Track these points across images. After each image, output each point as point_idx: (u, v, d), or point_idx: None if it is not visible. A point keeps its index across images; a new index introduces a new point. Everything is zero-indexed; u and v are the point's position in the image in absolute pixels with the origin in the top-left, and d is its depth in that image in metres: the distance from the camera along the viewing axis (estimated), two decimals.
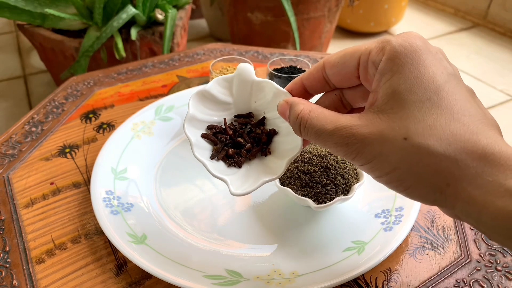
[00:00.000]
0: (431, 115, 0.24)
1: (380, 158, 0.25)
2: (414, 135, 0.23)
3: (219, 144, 0.34)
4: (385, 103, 0.25)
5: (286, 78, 0.47)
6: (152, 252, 0.38)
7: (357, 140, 0.25)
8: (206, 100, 0.35)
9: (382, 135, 0.24)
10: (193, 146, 0.33)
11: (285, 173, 0.42)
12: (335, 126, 0.26)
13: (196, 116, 0.34)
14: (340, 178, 0.41)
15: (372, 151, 0.25)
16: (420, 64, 0.25)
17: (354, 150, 0.25)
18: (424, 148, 0.23)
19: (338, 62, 0.29)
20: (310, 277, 0.36)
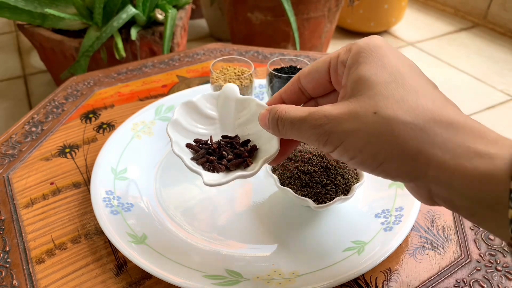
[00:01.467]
0: (398, 93, 0.25)
1: (352, 135, 0.25)
2: (383, 108, 0.25)
3: (202, 150, 0.36)
4: (352, 88, 0.27)
5: (286, 78, 0.48)
6: (152, 252, 0.38)
7: (329, 120, 0.26)
8: (192, 111, 0.38)
9: (352, 112, 0.26)
10: (173, 143, 0.35)
11: (285, 173, 0.42)
12: (308, 112, 0.28)
13: (181, 122, 0.37)
14: (340, 178, 0.41)
15: (344, 130, 0.26)
16: (383, 56, 0.27)
17: (326, 130, 0.26)
18: (393, 119, 0.24)
19: (311, 70, 0.31)
20: (310, 277, 0.36)
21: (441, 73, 1.57)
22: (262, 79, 0.61)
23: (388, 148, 0.25)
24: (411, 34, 1.84)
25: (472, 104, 1.40)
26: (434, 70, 1.59)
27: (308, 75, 0.32)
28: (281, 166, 0.43)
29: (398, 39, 1.81)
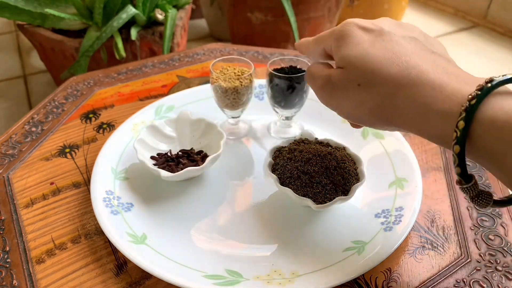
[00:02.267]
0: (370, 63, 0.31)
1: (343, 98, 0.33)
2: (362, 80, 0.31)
3: (162, 158, 0.47)
4: (339, 63, 0.33)
5: (286, 78, 0.48)
6: (152, 252, 0.38)
7: (330, 80, 0.33)
8: (155, 133, 0.50)
9: (343, 81, 0.32)
10: (138, 152, 0.45)
11: (285, 173, 0.42)
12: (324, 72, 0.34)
13: (145, 140, 0.48)
14: (340, 178, 0.41)
15: (337, 95, 0.33)
16: (354, 38, 0.32)
17: (331, 86, 0.33)
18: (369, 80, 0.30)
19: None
20: (310, 277, 0.36)
21: None
22: (262, 79, 0.61)
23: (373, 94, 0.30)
24: None
25: None
26: None
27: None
28: (281, 166, 0.43)
29: None
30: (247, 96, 0.50)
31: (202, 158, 0.47)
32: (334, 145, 0.46)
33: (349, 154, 0.44)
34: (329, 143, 0.46)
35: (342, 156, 0.43)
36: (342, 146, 0.45)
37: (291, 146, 0.45)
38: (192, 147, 0.50)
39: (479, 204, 0.27)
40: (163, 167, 0.46)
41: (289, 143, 0.46)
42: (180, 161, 0.47)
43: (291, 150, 0.44)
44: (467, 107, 0.24)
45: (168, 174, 0.43)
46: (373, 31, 0.32)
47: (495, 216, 0.43)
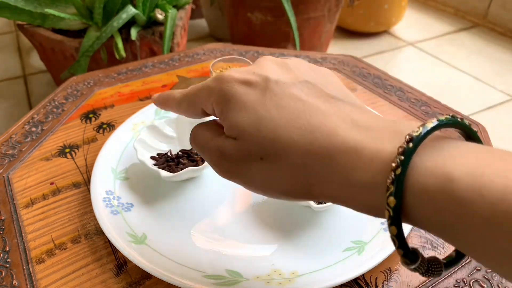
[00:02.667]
0: (265, 131, 0.25)
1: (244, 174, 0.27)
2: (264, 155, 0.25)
3: (162, 158, 0.47)
4: (229, 133, 0.27)
5: None
6: (152, 252, 0.38)
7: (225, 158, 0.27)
8: (155, 133, 0.50)
9: (243, 155, 0.26)
10: (138, 152, 0.45)
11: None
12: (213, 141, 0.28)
13: (145, 140, 0.48)
14: None
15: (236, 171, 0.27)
16: (239, 101, 0.27)
17: (224, 168, 0.28)
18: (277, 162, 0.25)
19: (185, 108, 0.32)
20: (310, 277, 0.36)
21: (441, 73, 1.57)
22: None
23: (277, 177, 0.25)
24: (411, 34, 1.84)
25: (472, 104, 1.40)
26: (434, 70, 1.59)
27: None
28: None
29: (398, 39, 1.81)
30: None
31: (202, 158, 0.47)
32: None
33: None
34: None
35: None
36: None
37: None
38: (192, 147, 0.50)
39: (432, 276, 0.24)
40: (163, 167, 0.46)
41: None
42: (180, 161, 0.47)
43: None
44: (393, 179, 0.20)
45: (168, 174, 0.43)
46: (258, 84, 0.27)
47: None
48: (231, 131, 0.27)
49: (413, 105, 0.60)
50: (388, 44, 1.77)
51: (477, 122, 0.56)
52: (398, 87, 0.64)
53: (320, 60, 0.71)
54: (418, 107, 0.59)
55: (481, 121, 0.57)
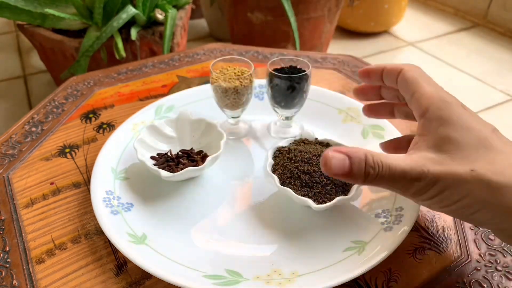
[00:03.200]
0: (488, 155, 0.28)
1: (451, 189, 0.28)
2: (479, 168, 0.28)
3: (162, 158, 0.47)
4: (441, 146, 0.29)
5: (286, 78, 0.48)
6: (152, 252, 0.38)
7: (431, 176, 0.28)
8: (155, 133, 0.50)
9: (451, 170, 0.28)
10: (138, 152, 0.45)
11: (285, 173, 0.42)
12: (410, 166, 0.28)
13: (145, 140, 0.48)
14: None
15: (443, 184, 0.28)
16: (465, 117, 0.30)
17: (427, 183, 0.28)
18: (488, 180, 0.27)
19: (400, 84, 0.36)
20: (310, 277, 0.36)
21: (441, 73, 1.57)
22: (262, 79, 0.61)
23: (484, 203, 0.28)
24: (411, 34, 1.84)
25: (472, 104, 1.40)
26: (434, 70, 1.59)
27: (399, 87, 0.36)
28: (281, 166, 0.43)
29: (398, 39, 1.81)
30: (247, 96, 0.50)
31: (202, 158, 0.48)
32: (334, 145, 0.46)
33: None
34: (329, 143, 0.46)
35: None
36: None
37: (291, 146, 0.45)
38: (192, 147, 0.50)
39: None
40: (163, 167, 0.46)
41: (289, 143, 0.46)
42: (180, 161, 0.47)
43: (291, 150, 0.44)
44: None
45: (168, 174, 0.43)
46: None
47: None
48: (445, 143, 0.30)
49: None
50: (388, 44, 1.77)
51: None
52: None
53: (320, 60, 0.71)
54: None
55: None
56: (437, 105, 0.31)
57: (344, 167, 0.29)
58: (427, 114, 0.31)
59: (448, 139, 0.29)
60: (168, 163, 0.47)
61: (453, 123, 0.29)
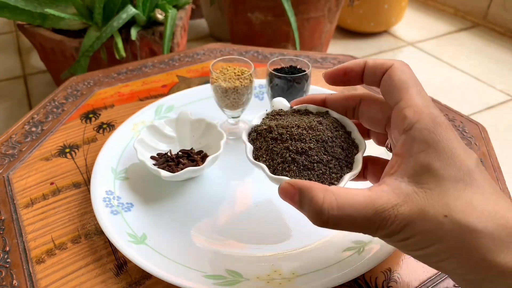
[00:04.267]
0: (466, 194, 0.25)
1: (420, 235, 0.25)
2: (454, 212, 0.25)
3: (162, 158, 0.48)
4: (419, 176, 0.26)
5: (286, 78, 0.48)
6: (152, 252, 0.38)
7: (400, 220, 0.25)
8: (155, 133, 0.50)
9: (423, 212, 0.25)
10: (138, 152, 0.46)
11: (274, 158, 0.32)
12: (375, 210, 0.25)
13: (145, 140, 0.48)
14: (340, 151, 0.33)
15: (413, 229, 0.25)
16: (451, 145, 0.26)
17: (393, 229, 0.25)
18: (464, 225, 0.24)
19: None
20: (310, 277, 0.36)
21: (441, 73, 1.57)
22: (262, 79, 0.61)
23: (453, 251, 0.25)
24: (411, 34, 1.84)
25: (472, 104, 1.40)
26: (434, 70, 1.59)
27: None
28: (266, 150, 0.33)
29: (398, 39, 1.81)
30: (247, 96, 0.50)
31: (202, 158, 0.48)
32: (316, 111, 0.36)
33: (336, 119, 0.35)
34: (308, 109, 0.36)
35: (333, 122, 0.34)
36: (324, 110, 0.36)
37: (268, 122, 0.35)
38: (192, 147, 0.50)
39: None
40: (163, 167, 0.46)
41: (262, 119, 0.36)
42: (180, 161, 0.47)
43: (271, 128, 0.34)
44: None
45: (168, 174, 0.43)
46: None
47: None
48: (423, 172, 0.27)
49: None
50: (388, 44, 1.77)
51: (477, 122, 0.56)
52: None
53: (320, 60, 0.71)
54: None
55: (481, 121, 0.57)
56: (425, 124, 0.26)
57: (294, 204, 0.28)
58: (411, 132, 0.27)
59: (428, 169, 0.26)
60: (168, 163, 0.47)
61: (438, 150, 0.26)
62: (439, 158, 0.26)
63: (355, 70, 0.32)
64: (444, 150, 0.26)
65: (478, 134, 0.54)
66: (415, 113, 0.27)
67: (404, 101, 0.28)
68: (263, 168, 0.32)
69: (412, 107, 0.27)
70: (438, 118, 0.27)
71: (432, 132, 0.26)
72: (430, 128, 0.26)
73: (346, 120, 0.35)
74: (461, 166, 0.26)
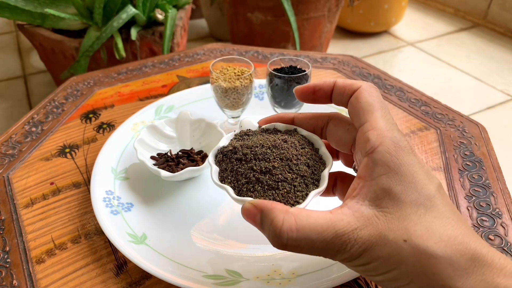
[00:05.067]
0: (426, 219, 0.25)
1: (379, 260, 0.25)
2: (414, 236, 0.25)
3: (162, 158, 0.48)
4: (380, 199, 0.26)
5: (286, 78, 0.48)
6: (152, 252, 0.38)
7: (359, 244, 0.25)
8: (155, 133, 0.50)
9: (382, 236, 0.25)
10: (138, 152, 0.46)
11: (238, 179, 0.32)
12: (334, 233, 0.25)
13: (145, 140, 0.49)
14: (305, 168, 0.32)
15: (372, 254, 0.25)
16: (413, 169, 0.26)
17: (353, 253, 0.25)
18: (423, 250, 0.24)
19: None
20: (310, 277, 0.36)
21: (441, 73, 1.57)
22: (262, 79, 0.61)
23: (412, 277, 0.25)
24: (411, 34, 1.84)
25: (472, 104, 1.40)
26: (434, 70, 1.59)
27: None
28: (231, 172, 0.33)
29: (398, 39, 1.81)
30: (247, 96, 0.50)
31: (202, 158, 0.48)
32: (284, 129, 0.36)
33: (304, 136, 0.35)
34: (277, 127, 0.36)
35: (299, 140, 0.34)
36: (292, 128, 0.36)
37: (234, 143, 0.35)
38: (192, 147, 0.50)
39: None
40: (163, 167, 0.46)
41: (229, 140, 0.36)
42: (180, 161, 0.47)
43: (236, 148, 0.34)
44: None
45: (168, 174, 0.43)
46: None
47: (495, 216, 0.43)
48: (384, 196, 0.27)
49: (413, 105, 0.60)
50: (388, 44, 1.77)
51: (477, 122, 0.56)
52: (398, 87, 0.64)
53: (320, 60, 0.71)
54: (418, 107, 0.59)
55: (481, 121, 0.57)
56: (387, 148, 0.26)
57: (256, 225, 0.28)
58: (373, 155, 0.27)
59: (389, 193, 0.26)
60: (168, 163, 0.47)
61: (399, 174, 0.26)
62: (400, 182, 0.26)
63: (324, 90, 0.33)
64: (406, 174, 0.26)
65: (478, 134, 0.54)
66: (378, 136, 0.27)
67: (368, 123, 0.28)
68: (227, 190, 0.32)
69: (375, 130, 0.27)
70: (401, 142, 0.27)
71: (394, 156, 0.26)
72: (392, 152, 0.26)
73: (314, 137, 0.35)
74: (422, 191, 0.26)
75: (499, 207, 0.44)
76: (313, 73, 0.67)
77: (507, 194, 0.45)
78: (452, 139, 0.53)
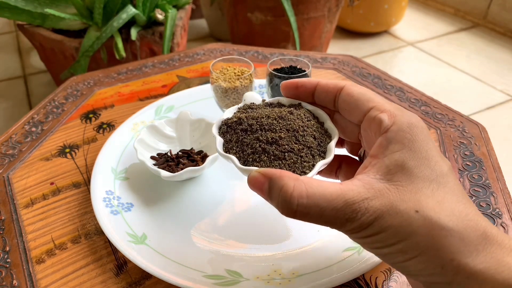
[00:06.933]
0: (438, 193, 0.25)
1: (389, 230, 0.24)
2: (426, 208, 0.24)
3: (162, 158, 0.48)
4: (392, 174, 0.26)
5: (286, 78, 0.48)
6: (152, 252, 0.38)
7: (370, 213, 0.25)
8: (155, 133, 0.51)
9: (394, 206, 0.25)
10: (138, 152, 0.46)
11: (244, 150, 0.32)
12: (345, 202, 0.25)
13: (145, 140, 0.49)
14: (312, 139, 0.32)
15: (382, 224, 0.24)
16: (427, 145, 0.26)
17: (363, 222, 0.25)
18: (435, 221, 0.24)
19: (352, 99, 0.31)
20: (310, 277, 0.36)
21: (441, 73, 1.57)
22: (262, 79, 0.61)
23: (422, 249, 0.24)
24: (411, 34, 1.84)
25: (472, 104, 1.40)
26: (434, 70, 1.59)
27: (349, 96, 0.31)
28: (236, 142, 0.33)
29: (398, 39, 1.81)
30: None
31: (202, 158, 0.48)
32: (288, 103, 0.36)
33: (309, 110, 0.35)
34: (281, 101, 0.36)
35: (305, 113, 0.34)
36: (297, 102, 0.36)
37: (239, 115, 0.35)
38: (192, 147, 0.50)
39: None
40: (163, 167, 0.46)
41: (233, 113, 0.35)
42: (180, 161, 0.47)
43: (241, 120, 0.34)
44: None
45: (168, 174, 0.43)
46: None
47: (495, 216, 0.43)
48: (396, 170, 0.27)
49: (413, 105, 0.60)
50: (388, 44, 1.77)
51: (477, 122, 0.56)
52: (398, 87, 0.64)
53: (320, 60, 0.71)
54: (418, 107, 0.59)
55: (481, 121, 0.57)
56: (400, 125, 0.27)
57: (263, 193, 0.27)
58: (387, 134, 0.27)
59: (402, 168, 0.26)
60: (168, 163, 0.47)
61: (413, 150, 0.26)
62: (413, 157, 0.26)
63: (307, 87, 0.33)
64: (419, 150, 0.26)
65: (478, 134, 0.54)
66: (390, 116, 0.27)
67: (375, 107, 0.28)
68: (232, 159, 0.31)
69: (386, 111, 0.28)
70: (414, 119, 0.27)
71: (408, 132, 0.26)
72: (406, 129, 0.27)
73: (319, 111, 0.35)
74: (435, 168, 0.26)
75: (499, 207, 0.44)
76: (313, 73, 0.67)
77: (507, 194, 0.45)
78: (452, 139, 0.53)
